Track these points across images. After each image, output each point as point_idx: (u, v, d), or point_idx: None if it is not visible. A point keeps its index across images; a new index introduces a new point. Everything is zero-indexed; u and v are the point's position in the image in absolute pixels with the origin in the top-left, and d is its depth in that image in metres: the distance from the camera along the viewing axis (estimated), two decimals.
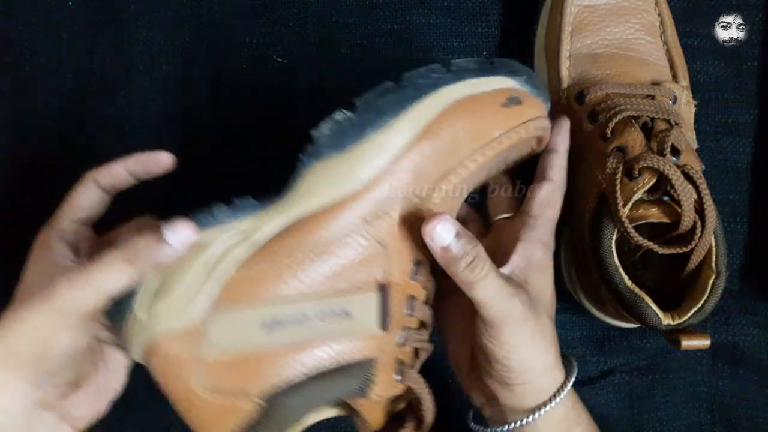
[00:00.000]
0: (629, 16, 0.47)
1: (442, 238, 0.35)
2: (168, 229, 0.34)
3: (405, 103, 0.37)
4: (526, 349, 0.37)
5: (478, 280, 0.35)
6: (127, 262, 0.33)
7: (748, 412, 0.50)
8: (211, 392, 0.35)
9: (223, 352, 0.35)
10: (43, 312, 0.33)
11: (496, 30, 0.52)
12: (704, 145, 0.49)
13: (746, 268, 0.51)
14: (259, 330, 0.35)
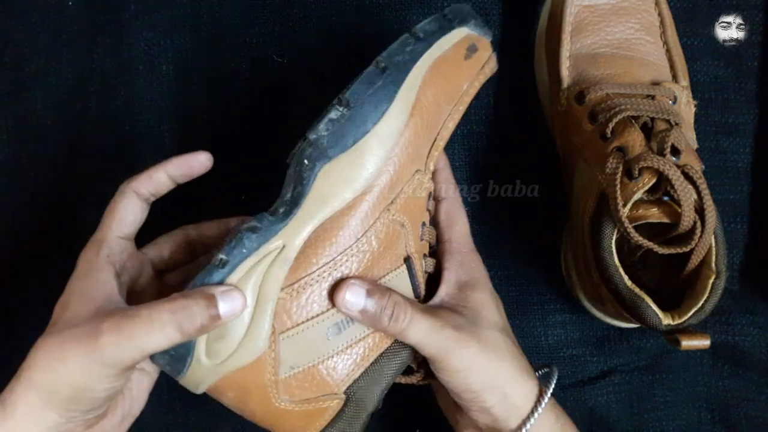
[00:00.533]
0: (629, 16, 0.47)
1: (355, 304, 0.36)
2: (221, 299, 0.34)
3: (394, 86, 0.37)
4: (480, 367, 0.37)
5: (405, 328, 0.36)
6: (178, 330, 0.33)
7: (748, 412, 0.50)
8: (294, 404, 0.37)
9: (295, 367, 0.36)
10: (86, 361, 0.32)
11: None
12: (704, 145, 0.49)
13: (746, 268, 0.51)
14: (325, 340, 0.37)
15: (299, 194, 0.36)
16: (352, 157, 0.36)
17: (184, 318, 0.33)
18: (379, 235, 0.37)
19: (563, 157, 0.48)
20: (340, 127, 0.36)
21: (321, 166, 0.36)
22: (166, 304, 0.33)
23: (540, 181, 0.50)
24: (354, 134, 0.36)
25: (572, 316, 0.51)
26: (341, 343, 0.37)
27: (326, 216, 0.36)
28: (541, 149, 0.50)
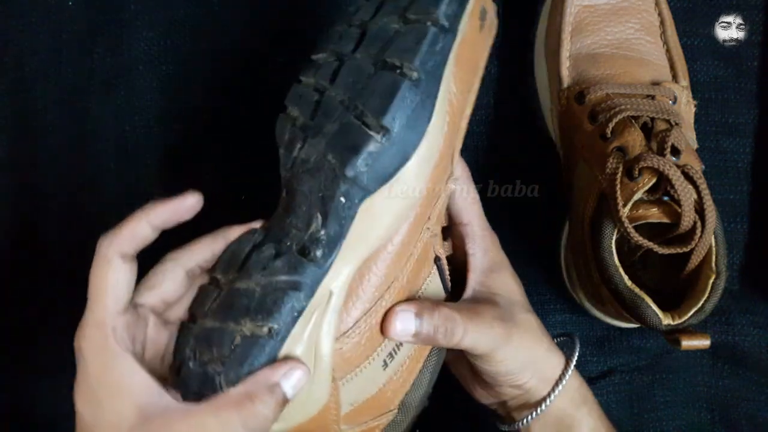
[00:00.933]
0: (629, 16, 0.47)
1: (407, 330, 0.35)
2: (284, 382, 0.30)
3: (431, 100, 0.32)
4: (520, 353, 0.38)
5: (461, 338, 0.36)
6: (247, 428, 0.29)
7: (748, 412, 0.50)
8: (353, 427, 0.36)
9: (355, 402, 0.35)
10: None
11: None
12: (704, 145, 0.49)
13: (746, 268, 0.51)
14: (381, 371, 0.35)
15: (337, 234, 0.31)
16: (395, 187, 0.32)
17: (255, 421, 0.29)
18: (420, 254, 0.36)
19: (563, 157, 0.48)
20: (380, 159, 0.31)
21: (361, 202, 0.31)
22: (233, 410, 0.29)
23: (540, 181, 0.50)
24: (395, 165, 0.32)
25: (572, 316, 0.51)
26: (395, 367, 0.36)
27: (371, 251, 0.33)
28: (541, 149, 0.50)
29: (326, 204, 0.31)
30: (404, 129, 0.31)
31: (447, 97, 0.33)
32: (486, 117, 0.52)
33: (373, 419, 0.36)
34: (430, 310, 0.35)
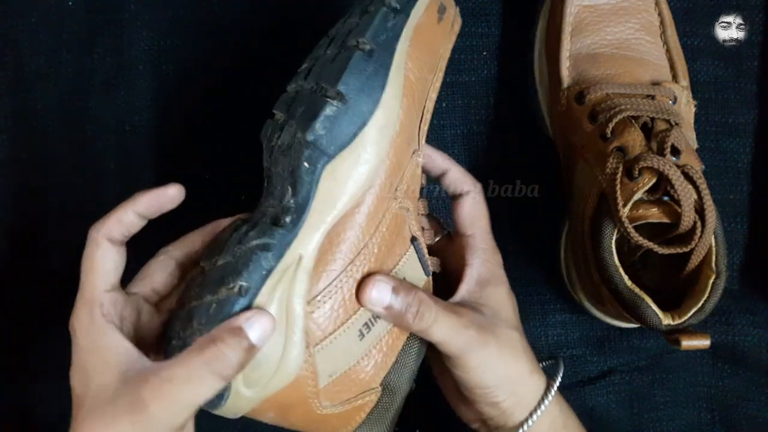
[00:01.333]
0: (629, 16, 0.47)
1: (381, 300, 0.36)
2: (248, 328, 0.32)
3: (384, 70, 0.35)
4: (496, 366, 0.38)
5: (429, 326, 0.36)
6: (219, 378, 0.31)
7: (748, 412, 0.50)
8: (336, 405, 0.36)
9: (333, 374, 0.36)
10: (133, 417, 0.31)
11: (496, 30, 0.52)
12: (704, 145, 0.49)
13: (746, 268, 0.51)
14: (357, 342, 0.36)
15: (305, 199, 0.34)
16: (355, 152, 0.34)
17: (221, 364, 0.31)
18: (389, 225, 0.37)
19: (563, 157, 0.48)
20: (337, 123, 0.34)
21: (323, 167, 0.34)
22: (198, 356, 0.31)
23: (540, 181, 0.50)
24: (353, 129, 0.34)
25: (572, 316, 0.51)
26: (372, 340, 0.37)
27: (337, 217, 0.35)
28: (541, 149, 0.50)
29: (294, 174, 0.34)
30: (359, 94, 0.34)
31: (402, 71, 0.36)
32: (486, 117, 0.52)
33: (355, 397, 0.37)
34: (408, 289, 0.36)
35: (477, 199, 0.41)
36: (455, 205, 0.42)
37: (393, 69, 0.35)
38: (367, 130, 0.35)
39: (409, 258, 0.38)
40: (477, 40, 0.53)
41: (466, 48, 0.52)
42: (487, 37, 0.53)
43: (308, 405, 0.35)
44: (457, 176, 0.42)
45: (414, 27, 0.37)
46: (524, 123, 0.52)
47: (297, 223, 0.34)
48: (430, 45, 0.38)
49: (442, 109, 0.52)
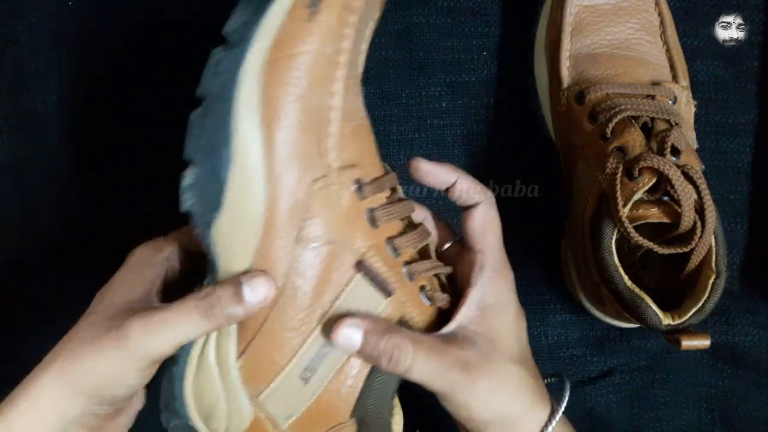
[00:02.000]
0: (629, 16, 0.47)
1: (350, 344, 0.34)
2: (248, 286, 0.32)
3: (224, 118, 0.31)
4: (488, 403, 0.35)
5: (406, 369, 0.34)
6: (204, 317, 0.32)
7: (748, 412, 0.50)
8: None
9: (291, 416, 0.35)
10: (114, 354, 0.32)
11: (496, 30, 0.52)
12: (704, 145, 0.49)
13: (746, 268, 0.51)
14: (302, 385, 0.35)
15: (213, 263, 0.34)
16: (230, 209, 0.32)
17: (208, 303, 0.32)
18: (302, 270, 0.34)
19: (563, 157, 0.48)
20: (199, 190, 0.32)
21: (210, 233, 0.33)
22: (194, 294, 0.33)
23: (540, 181, 0.50)
24: (215, 191, 0.32)
25: (572, 316, 0.51)
26: (321, 381, 0.35)
27: (245, 268, 0.33)
28: (541, 149, 0.50)
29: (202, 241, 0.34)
30: (205, 155, 0.32)
31: (256, 107, 0.32)
32: (486, 117, 0.52)
33: (327, 431, 0.36)
34: (380, 333, 0.34)
35: (488, 211, 0.38)
36: (464, 218, 0.38)
37: (237, 113, 0.32)
38: (230, 187, 0.32)
39: (357, 285, 0.35)
40: (477, 40, 0.53)
41: (466, 48, 0.52)
42: (487, 37, 0.53)
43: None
44: (465, 187, 0.38)
45: (269, 47, 0.32)
46: (524, 123, 0.52)
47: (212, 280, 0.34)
48: (303, 53, 0.32)
49: (442, 109, 0.52)
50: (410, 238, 0.36)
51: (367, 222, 0.35)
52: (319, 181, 0.33)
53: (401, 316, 0.36)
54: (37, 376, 0.34)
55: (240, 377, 0.34)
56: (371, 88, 0.52)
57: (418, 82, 0.52)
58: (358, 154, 0.35)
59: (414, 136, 0.52)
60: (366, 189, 0.35)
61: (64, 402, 0.33)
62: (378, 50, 0.52)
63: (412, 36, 0.52)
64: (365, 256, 0.35)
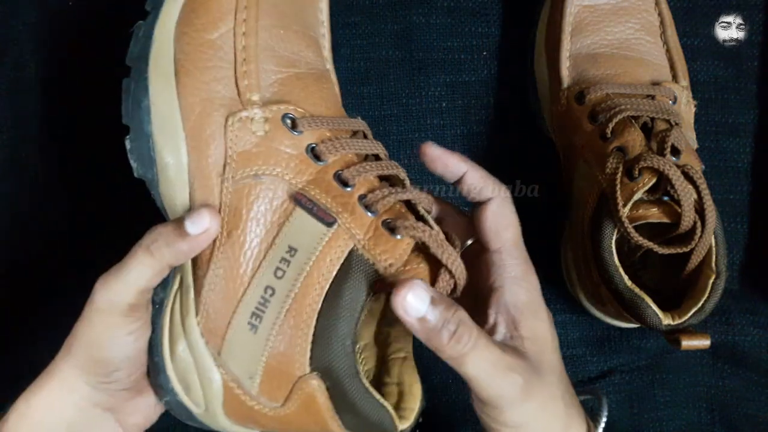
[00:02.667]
0: (629, 16, 0.47)
1: (416, 308, 0.30)
2: (188, 219, 0.33)
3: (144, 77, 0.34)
4: (536, 423, 0.32)
5: (466, 353, 0.30)
6: (148, 253, 0.33)
7: (748, 412, 0.50)
8: (285, 405, 0.34)
9: (254, 375, 0.34)
10: (88, 316, 0.34)
11: (496, 30, 0.52)
12: (704, 145, 0.49)
13: (746, 268, 0.51)
14: (252, 334, 0.33)
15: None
16: (161, 162, 0.35)
17: (150, 239, 0.33)
18: (234, 207, 0.34)
19: (563, 157, 0.48)
20: (136, 151, 0.35)
21: (158, 192, 0.35)
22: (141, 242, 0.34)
23: (540, 181, 0.50)
24: (147, 147, 0.35)
25: (572, 316, 0.51)
26: (268, 329, 0.33)
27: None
28: (541, 149, 0.50)
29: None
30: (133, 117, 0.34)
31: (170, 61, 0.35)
32: (486, 117, 0.52)
33: (292, 391, 0.34)
34: (449, 304, 0.31)
35: (501, 207, 0.34)
36: (475, 215, 0.35)
37: (152, 71, 0.34)
38: (156, 140, 0.34)
39: (296, 218, 0.33)
40: (477, 40, 0.53)
41: (466, 48, 0.52)
42: (487, 37, 0.53)
43: (255, 410, 0.35)
44: (475, 180, 0.35)
45: (182, 5, 0.35)
46: (524, 123, 0.52)
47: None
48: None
49: (442, 109, 0.52)
50: (362, 167, 0.35)
51: (310, 157, 0.34)
52: (234, 116, 0.34)
53: (356, 251, 0.33)
54: (54, 363, 0.35)
55: (201, 336, 0.34)
56: (371, 88, 0.52)
57: (418, 82, 0.52)
58: (295, 93, 0.36)
59: (414, 136, 0.52)
60: (300, 123, 0.35)
61: (73, 380, 0.34)
62: (378, 50, 0.52)
63: (412, 36, 0.52)
64: (304, 190, 0.34)
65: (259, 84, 0.35)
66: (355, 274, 0.33)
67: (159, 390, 0.36)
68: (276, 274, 0.33)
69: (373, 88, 0.52)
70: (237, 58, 0.35)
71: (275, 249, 0.33)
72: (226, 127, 0.34)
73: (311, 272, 0.33)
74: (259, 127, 0.34)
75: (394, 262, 0.33)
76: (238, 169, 0.34)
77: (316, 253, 0.33)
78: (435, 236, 0.33)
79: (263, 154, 0.34)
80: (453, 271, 0.33)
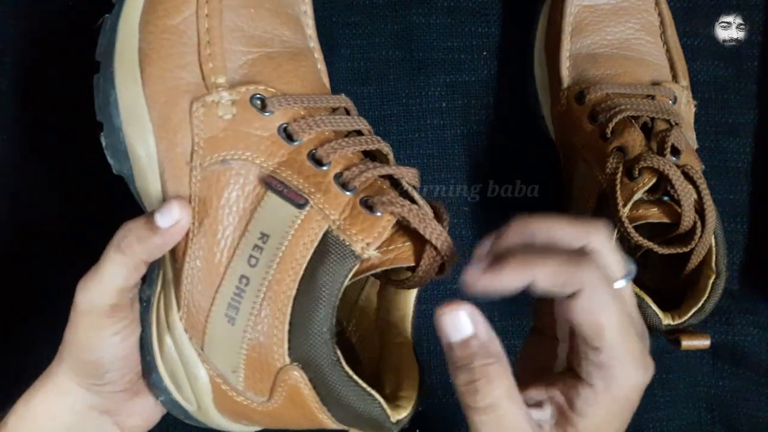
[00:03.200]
0: (629, 16, 0.47)
1: (446, 333, 0.27)
2: (158, 213, 0.32)
3: (110, 70, 0.34)
4: None
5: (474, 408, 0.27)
6: (118, 250, 0.32)
7: (748, 412, 0.50)
8: (271, 399, 0.33)
9: (237, 369, 0.33)
10: (72, 318, 0.34)
11: (496, 30, 0.52)
12: (704, 145, 0.49)
13: (746, 268, 0.51)
14: (230, 326, 0.32)
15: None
16: (133, 155, 0.34)
17: (123, 239, 0.32)
18: (204, 195, 0.33)
19: (563, 157, 0.48)
20: (111, 147, 0.35)
21: (135, 188, 0.35)
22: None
23: (540, 181, 0.50)
24: (119, 141, 0.34)
25: None
26: (245, 318, 0.32)
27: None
28: (541, 149, 0.50)
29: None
30: (104, 111, 0.35)
31: (134, 51, 0.34)
32: (486, 117, 0.52)
33: (275, 383, 0.32)
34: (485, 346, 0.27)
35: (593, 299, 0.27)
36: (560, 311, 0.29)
37: (117, 63, 0.34)
38: (126, 131, 0.34)
39: (267, 202, 0.32)
40: (477, 40, 0.53)
41: (466, 48, 0.52)
42: (487, 37, 0.53)
43: (243, 405, 0.34)
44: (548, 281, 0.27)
45: (143, 1, 0.34)
46: (524, 123, 0.52)
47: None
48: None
49: (442, 109, 0.52)
50: (338, 144, 0.33)
51: (282, 138, 0.33)
52: (198, 101, 0.33)
53: (332, 232, 0.31)
54: (49, 367, 0.35)
55: (185, 331, 0.34)
56: (371, 88, 0.52)
57: (418, 82, 0.52)
58: (266, 73, 0.34)
59: (414, 136, 0.52)
60: (270, 103, 0.33)
61: (66, 383, 0.34)
62: (378, 50, 0.52)
63: (412, 36, 0.52)
64: (275, 172, 0.32)
65: (225, 66, 0.34)
66: (331, 257, 0.31)
67: (153, 389, 0.36)
68: (249, 262, 0.32)
69: (373, 88, 0.52)
70: (200, 41, 0.34)
71: (247, 236, 0.32)
72: (191, 113, 0.33)
73: (284, 257, 0.31)
74: (226, 111, 0.33)
75: (372, 242, 0.31)
76: (205, 156, 0.33)
77: (288, 237, 0.31)
78: (416, 211, 0.31)
79: (231, 139, 0.33)
80: (438, 246, 0.31)
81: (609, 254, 0.29)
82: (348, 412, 0.32)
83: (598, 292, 0.27)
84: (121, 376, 0.35)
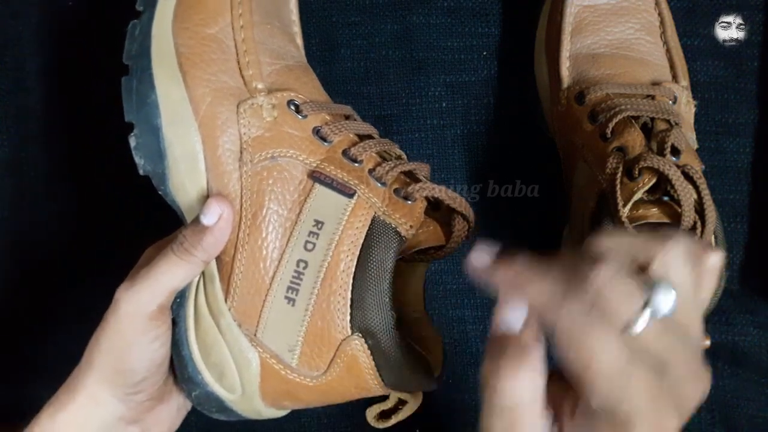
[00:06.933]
0: (629, 16, 0.47)
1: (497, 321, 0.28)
2: (202, 214, 0.34)
3: (148, 73, 0.36)
4: None
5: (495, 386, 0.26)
6: (181, 253, 0.34)
7: (748, 412, 0.50)
8: (325, 373, 0.36)
9: (293, 348, 0.35)
10: (110, 325, 0.34)
11: (496, 30, 0.52)
12: (704, 145, 0.49)
13: (746, 268, 0.51)
14: (290, 308, 0.35)
15: (182, 219, 0.37)
16: (172, 155, 0.36)
17: (180, 242, 0.34)
18: (255, 190, 0.36)
19: (563, 157, 0.48)
20: (143, 147, 0.36)
21: (168, 187, 0.36)
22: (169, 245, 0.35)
23: (540, 181, 0.50)
24: (156, 141, 0.36)
25: None
26: (306, 298, 0.35)
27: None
28: (541, 149, 0.50)
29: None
30: (139, 112, 0.36)
31: (171, 56, 0.36)
32: (486, 117, 0.52)
33: (335, 356, 0.35)
34: (523, 346, 0.27)
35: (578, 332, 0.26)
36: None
37: (155, 66, 0.36)
38: (166, 134, 0.36)
39: (317, 194, 0.36)
40: (477, 40, 0.53)
41: (466, 48, 0.52)
42: (487, 37, 0.53)
43: (295, 383, 0.36)
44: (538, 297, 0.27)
45: (174, 4, 0.37)
46: (524, 123, 0.52)
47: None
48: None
49: (442, 109, 0.52)
50: (366, 145, 0.38)
51: (317, 139, 0.37)
52: (244, 103, 0.36)
53: (378, 217, 0.36)
54: (76, 372, 0.35)
55: (234, 319, 0.36)
56: (371, 88, 0.52)
57: (418, 82, 0.52)
58: (291, 82, 0.38)
59: (414, 136, 0.52)
60: (304, 108, 0.37)
61: (98, 393, 0.34)
62: (378, 50, 0.52)
63: (412, 36, 0.52)
64: (320, 168, 0.36)
65: (261, 73, 0.37)
66: (381, 238, 0.35)
67: (188, 384, 0.37)
68: (306, 247, 0.35)
69: (373, 88, 0.52)
70: (238, 49, 0.37)
71: (301, 224, 0.35)
72: (239, 115, 0.36)
73: (341, 240, 0.35)
74: (268, 114, 0.36)
75: (414, 224, 0.36)
76: (255, 153, 0.36)
77: (343, 222, 0.35)
78: (445, 190, 0.37)
79: (276, 138, 0.36)
80: (468, 215, 0.37)
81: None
82: (398, 375, 0.36)
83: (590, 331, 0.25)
84: (153, 383, 0.36)
